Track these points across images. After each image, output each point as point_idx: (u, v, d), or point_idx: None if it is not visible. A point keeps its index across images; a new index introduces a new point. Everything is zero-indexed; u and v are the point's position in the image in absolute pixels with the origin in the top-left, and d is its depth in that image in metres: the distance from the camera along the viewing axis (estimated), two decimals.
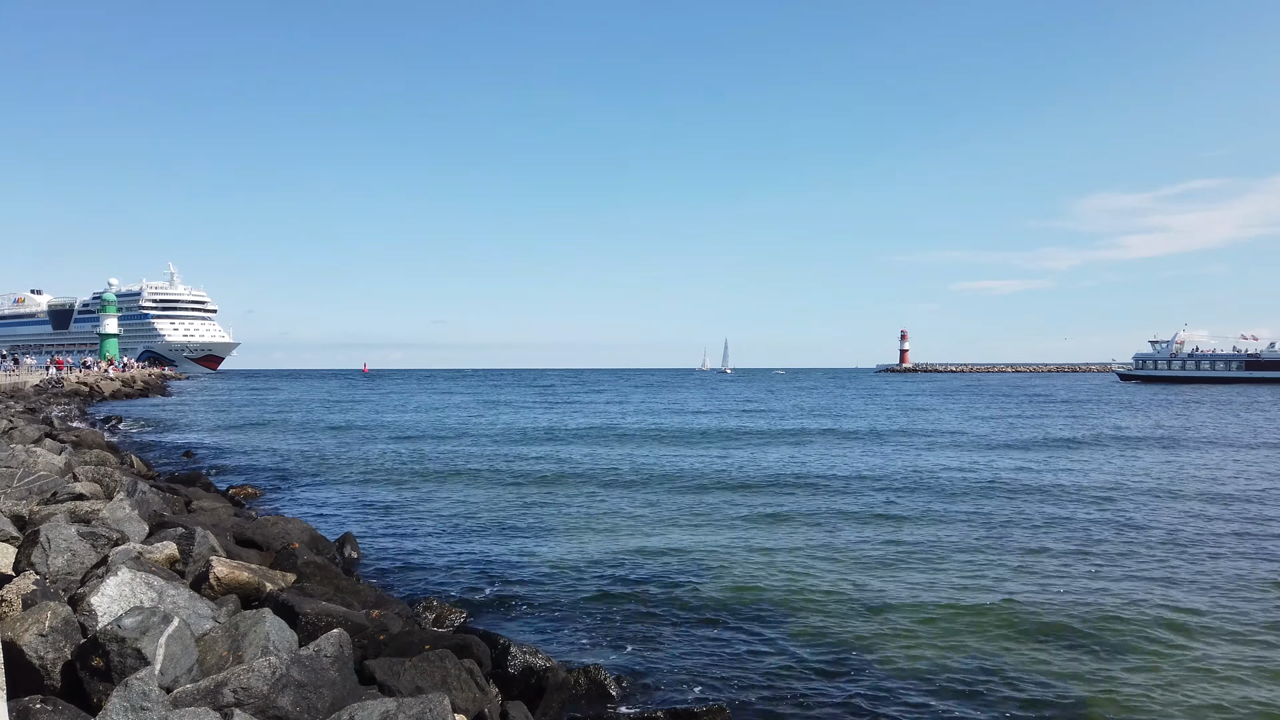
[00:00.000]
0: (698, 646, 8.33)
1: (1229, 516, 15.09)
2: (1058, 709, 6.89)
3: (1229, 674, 7.56)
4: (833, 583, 10.59)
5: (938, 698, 7.11)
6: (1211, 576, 10.86)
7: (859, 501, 16.89)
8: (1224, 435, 31.86)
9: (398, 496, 17.72)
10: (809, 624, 9.00)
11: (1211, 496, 17.31)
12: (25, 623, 5.14)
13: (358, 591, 8.62)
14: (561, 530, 14.01)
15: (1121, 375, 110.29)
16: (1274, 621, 9.00)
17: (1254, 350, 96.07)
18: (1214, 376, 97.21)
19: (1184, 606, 9.50)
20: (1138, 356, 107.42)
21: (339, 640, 5.69)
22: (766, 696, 7.16)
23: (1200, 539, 13.17)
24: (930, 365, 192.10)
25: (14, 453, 12.45)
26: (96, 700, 4.75)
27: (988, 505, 16.33)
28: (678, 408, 53.45)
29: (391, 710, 4.70)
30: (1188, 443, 28.93)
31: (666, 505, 16.54)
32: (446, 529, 14.14)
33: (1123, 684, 7.36)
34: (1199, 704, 6.96)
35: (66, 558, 6.87)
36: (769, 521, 14.73)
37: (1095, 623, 8.92)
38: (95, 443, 21.06)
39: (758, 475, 20.80)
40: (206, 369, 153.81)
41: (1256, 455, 25.21)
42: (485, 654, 6.67)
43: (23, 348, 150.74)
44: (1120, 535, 13.50)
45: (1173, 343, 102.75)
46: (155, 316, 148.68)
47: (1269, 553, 12.24)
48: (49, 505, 9.26)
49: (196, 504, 12.39)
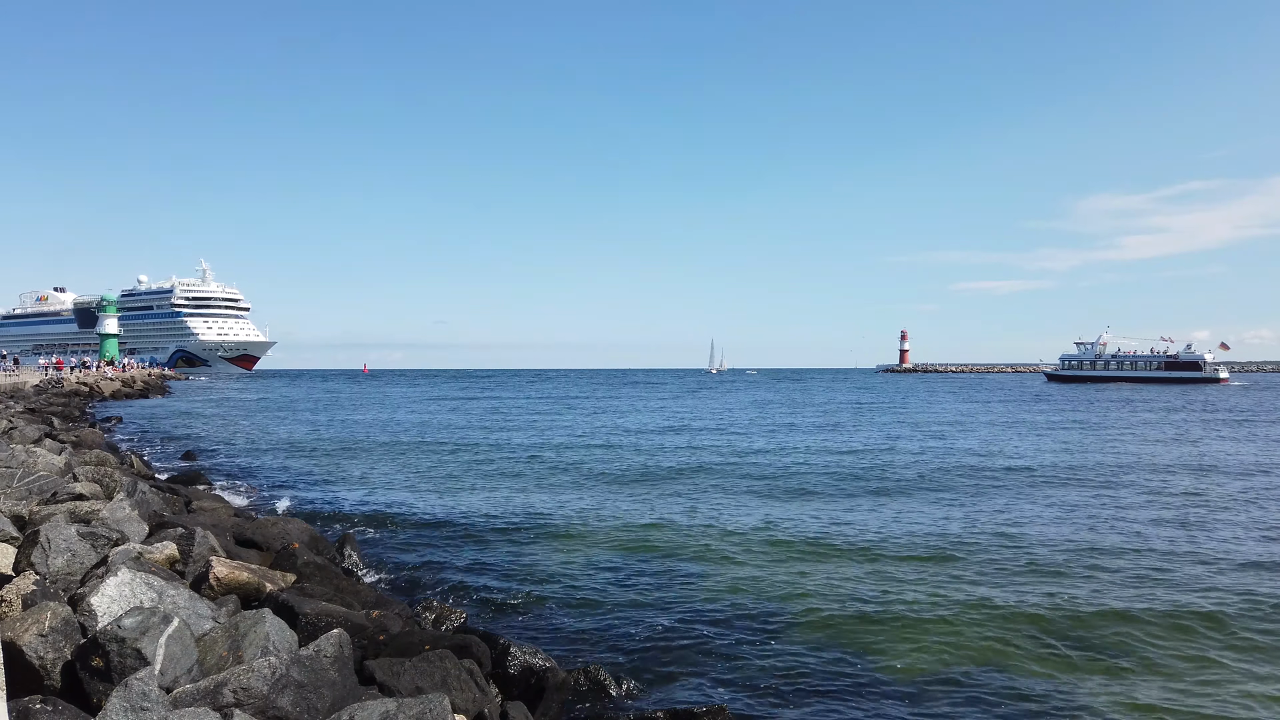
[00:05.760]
0: (698, 646, 8.32)
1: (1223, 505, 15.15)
2: (1058, 710, 6.89)
3: (1241, 675, 7.57)
4: (834, 583, 10.58)
5: (940, 698, 7.10)
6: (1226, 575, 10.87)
7: (860, 502, 16.89)
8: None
9: (398, 497, 17.71)
10: (810, 625, 8.99)
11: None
12: (25, 623, 5.14)
13: (358, 592, 8.62)
14: (562, 531, 14.01)
15: (1048, 375, 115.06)
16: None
17: (1172, 351, 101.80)
18: (1135, 376, 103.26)
19: (1186, 607, 9.50)
20: (1064, 357, 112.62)
21: (339, 640, 5.69)
22: (767, 697, 7.16)
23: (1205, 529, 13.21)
24: (930, 365, 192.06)
25: (14, 453, 12.44)
26: (96, 700, 4.75)
27: (988, 505, 16.34)
28: (684, 411, 53.38)
29: (391, 710, 4.69)
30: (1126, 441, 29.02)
31: (668, 507, 16.52)
32: (447, 529, 14.13)
33: (1130, 684, 7.36)
34: (1201, 704, 6.97)
35: (66, 558, 6.86)
36: (770, 523, 14.72)
37: (1097, 623, 8.92)
38: (95, 443, 21.07)
39: (759, 476, 20.80)
40: (242, 369, 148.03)
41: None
42: (485, 654, 6.66)
43: (47, 346, 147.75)
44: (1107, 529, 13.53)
45: (1096, 344, 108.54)
46: (188, 315, 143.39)
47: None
48: (49, 505, 9.25)
49: (196, 504, 12.38)
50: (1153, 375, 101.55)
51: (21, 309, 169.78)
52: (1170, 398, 65.91)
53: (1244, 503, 16.61)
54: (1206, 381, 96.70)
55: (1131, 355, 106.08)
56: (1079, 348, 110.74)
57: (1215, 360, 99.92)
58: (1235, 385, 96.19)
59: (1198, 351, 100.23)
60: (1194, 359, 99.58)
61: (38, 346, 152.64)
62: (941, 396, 69.48)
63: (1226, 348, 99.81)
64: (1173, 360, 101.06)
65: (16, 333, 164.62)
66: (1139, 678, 7.51)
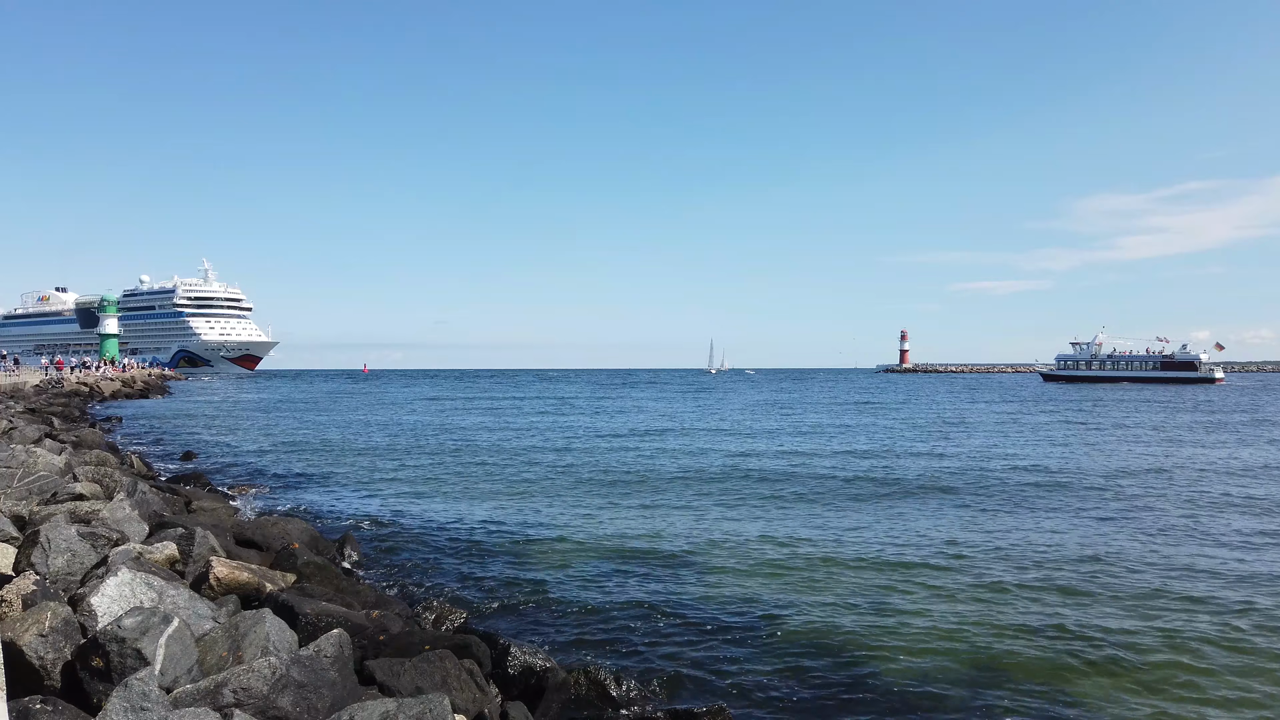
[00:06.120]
0: (699, 646, 8.32)
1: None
2: (1061, 710, 6.89)
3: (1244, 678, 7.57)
4: (836, 587, 10.58)
5: (941, 699, 7.10)
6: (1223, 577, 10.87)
7: (863, 507, 16.89)
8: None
9: (398, 497, 17.71)
10: (811, 626, 8.99)
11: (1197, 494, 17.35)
12: (25, 623, 5.14)
13: (358, 592, 8.63)
14: (563, 532, 14.00)
15: (1044, 375, 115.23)
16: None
17: (1168, 352, 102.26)
18: (1131, 376, 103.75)
19: (1189, 605, 9.51)
20: (1060, 357, 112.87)
21: (339, 640, 5.69)
22: (767, 697, 7.16)
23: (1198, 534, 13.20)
24: (930, 365, 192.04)
25: (14, 453, 12.43)
26: (96, 700, 4.75)
27: (985, 505, 16.33)
28: (686, 413, 53.38)
29: (391, 710, 4.69)
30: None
31: (668, 508, 16.53)
32: (447, 529, 14.12)
33: (1133, 691, 7.36)
34: (1203, 705, 6.96)
35: (66, 558, 6.86)
36: (772, 526, 14.72)
37: (1099, 622, 8.92)
38: (95, 443, 21.07)
39: (760, 480, 20.79)
40: (244, 370, 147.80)
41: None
42: (485, 654, 6.66)
43: (49, 346, 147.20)
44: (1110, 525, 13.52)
45: (1093, 344, 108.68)
46: (190, 315, 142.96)
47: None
48: (49, 505, 9.26)
49: (196, 504, 12.38)
50: (1148, 375, 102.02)
51: (23, 309, 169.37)
52: (1165, 397, 66.28)
53: (1244, 504, 16.62)
54: (1202, 381, 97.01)
55: (1127, 355, 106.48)
56: (1075, 348, 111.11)
57: (1210, 360, 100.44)
58: (1230, 385, 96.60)
59: (1193, 351, 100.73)
60: (1189, 359, 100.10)
61: (40, 347, 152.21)
62: (941, 397, 69.57)
63: (1221, 348, 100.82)
64: (1168, 360, 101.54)
65: (18, 333, 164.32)
66: (1144, 688, 7.51)
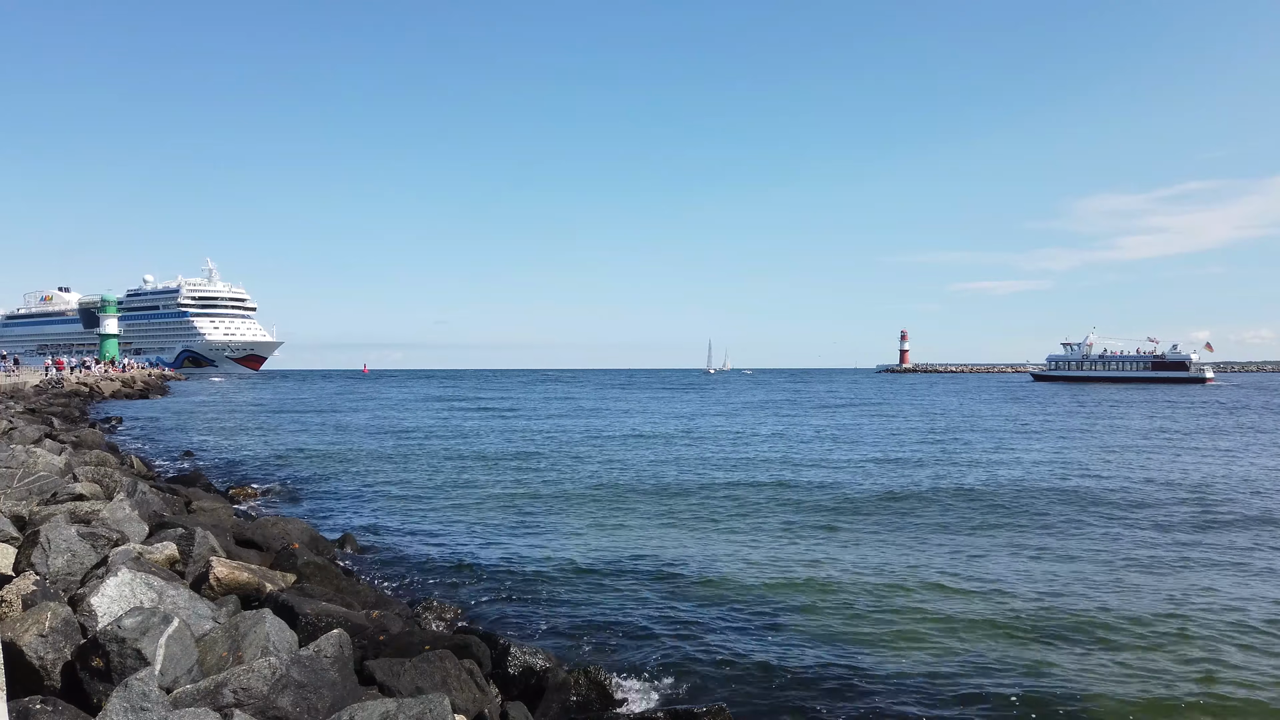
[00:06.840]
0: (699, 646, 8.32)
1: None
2: (1062, 710, 6.89)
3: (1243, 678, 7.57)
4: (835, 585, 10.58)
5: (941, 699, 7.10)
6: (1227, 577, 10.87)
7: (861, 504, 16.88)
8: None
9: (398, 497, 17.71)
10: (812, 626, 8.99)
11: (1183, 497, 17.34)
12: (25, 623, 5.14)
13: (358, 592, 8.63)
14: (562, 532, 14.01)
15: (1035, 375, 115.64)
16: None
17: (1159, 352, 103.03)
18: (1122, 376, 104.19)
19: (1192, 605, 9.50)
20: (1051, 358, 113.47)
21: (339, 641, 5.69)
22: (767, 697, 7.16)
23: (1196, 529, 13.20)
24: (930, 365, 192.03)
25: (14, 453, 12.43)
26: (96, 701, 4.75)
27: (988, 504, 16.33)
28: (688, 413, 53.39)
29: (391, 711, 4.69)
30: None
31: (668, 509, 16.53)
32: (447, 530, 14.13)
33: (1135, 695, 7.36)
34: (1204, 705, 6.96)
35: (66, 558, 6.86)
36: (772, 525, 14.73)
37: (1100, 622, 8.92)
38: (95, 443, 21.07)
39: (761, 478, 20.79)
40: (249, 370, 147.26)
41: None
42: (485, 654, 6.66)
43: (52, 346, 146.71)
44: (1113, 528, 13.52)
45: (1084, 345, 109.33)
46: (194, 314, 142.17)
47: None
48: (49, 506, 9.26)
49: (196, 504, 12.38)
50: (1139, 375, 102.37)
51: (26, 309, 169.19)
52: (1147, 397, 66.57)
53: (1243, 506, 16.62)
54: (1192, 381, 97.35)
55: (1118, 356, 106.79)
56: (1066, 348, 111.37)
57: (1201, 360, 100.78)
58: (1220, 385, 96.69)
59: (1183, 352, 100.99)
60: (1180, 359, 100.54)
61: (42, 347, 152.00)
62: (939, 397, 69.51)
63: (1211, 348, 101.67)
64: (1159, 360, 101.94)
65: (21, 333, 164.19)
66: (1149, 694, 7.51)
